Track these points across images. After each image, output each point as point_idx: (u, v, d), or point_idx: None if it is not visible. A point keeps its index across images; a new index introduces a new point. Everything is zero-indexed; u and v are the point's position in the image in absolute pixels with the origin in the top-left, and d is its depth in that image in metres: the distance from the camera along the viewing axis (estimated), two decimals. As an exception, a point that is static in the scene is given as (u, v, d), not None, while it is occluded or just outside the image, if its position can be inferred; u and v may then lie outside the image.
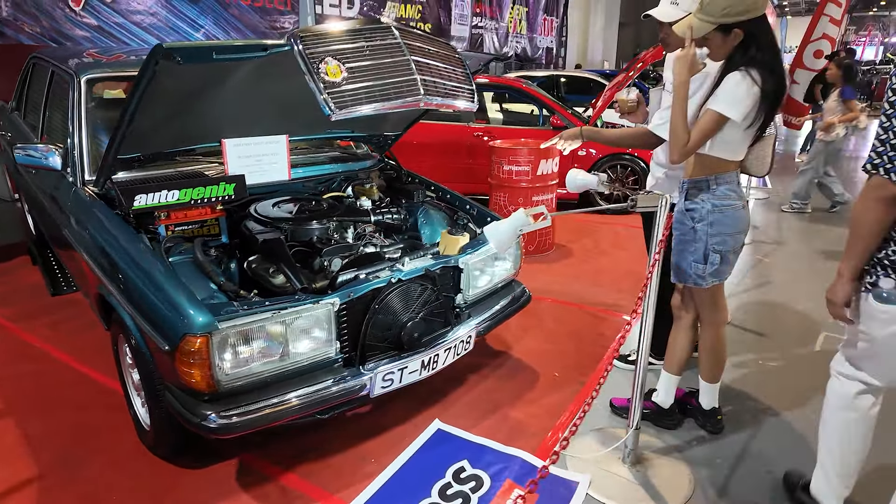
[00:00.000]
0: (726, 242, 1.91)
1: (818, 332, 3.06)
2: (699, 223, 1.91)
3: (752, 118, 1.76)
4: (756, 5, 1.69)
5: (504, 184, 4.34)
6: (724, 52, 1.77)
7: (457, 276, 2.29)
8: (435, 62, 1.89)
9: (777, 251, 4.45)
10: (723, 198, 1.87)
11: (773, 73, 1.74)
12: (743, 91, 1.71)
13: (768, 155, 2.03)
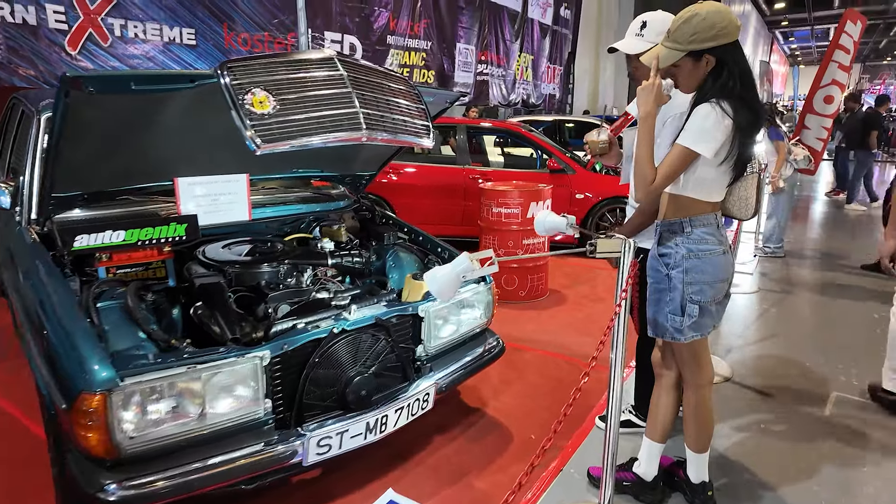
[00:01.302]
0: (704, 292, 1.70)
1: (828, 392, 2.76)
2: (673, 270, 1.70)
3: (725, 154, 1.59)
4: (726, 30, 1.55)
5: (494, 227, 4.18)
6: (695, 82, 1.62)
7: (417, 326, 2.09)
8: (385, 96, 1.77)
9: (785, 300, 4.16)
10: (699, 242, 1.68)
11: (747, 105, 1.58)
12: (711, 124, 1.54)
13: (752, 196, 1.83)
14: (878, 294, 4.32)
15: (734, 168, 1.64)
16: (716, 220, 1.71)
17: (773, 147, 4.87)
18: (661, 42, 1.63)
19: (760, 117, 1.61)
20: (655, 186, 1.60)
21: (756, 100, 1.62)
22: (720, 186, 1.68)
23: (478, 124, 5.76)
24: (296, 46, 5.86)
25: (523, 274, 4.13)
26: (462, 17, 7.88)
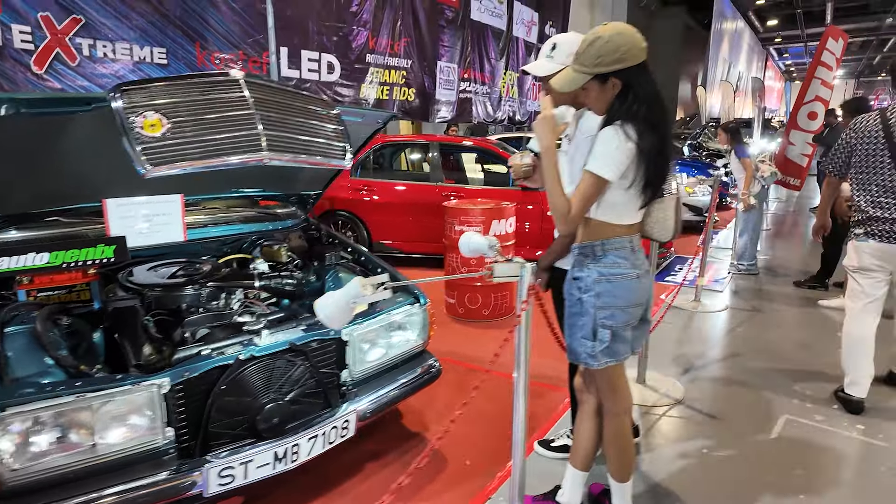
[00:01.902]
0: (616, 317, 1.66)
1: (779, 415, 2.70)
2: (585, 294, 1.67)
3: (631, 177, 1.57)
4: (630, 54, 1.55)
5: (457, 245, 4.14)
6: (604, 105, 1.61)
7: (341, 350, 2.05)
8: (295, 118, 1.75)
9: (752, 319, 4.11)
10: (611, 266, 1.65)
11: (652, 128, 1.56)
12: (613, 148, 1.53)
13: (670, 218, 1.80)
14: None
15: (644, 191, 1.61)
16: (630, 244, 1.68)
17: (741, 164, 4.86)
18: (570, 65, 1.62)
19: (665, 141, 1.59)
20: (573, 216, 1.57)
21: (663, 123, 1.60)
22: (632, 209, 1.65)
23: (450, 141, 5.77)
24: (272, 65, 5.90)
25: (487, 292, 4.09)
26: (444, 35, 7.95)
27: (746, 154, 4.92)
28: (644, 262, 1.74)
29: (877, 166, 2.66)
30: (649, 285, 1.75)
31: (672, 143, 1.67)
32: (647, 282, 1.73)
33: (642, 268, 1.71)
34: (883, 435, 2.51)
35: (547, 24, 10.86)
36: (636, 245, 1.71)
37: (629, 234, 1.68)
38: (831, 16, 23.33)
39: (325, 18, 6.38)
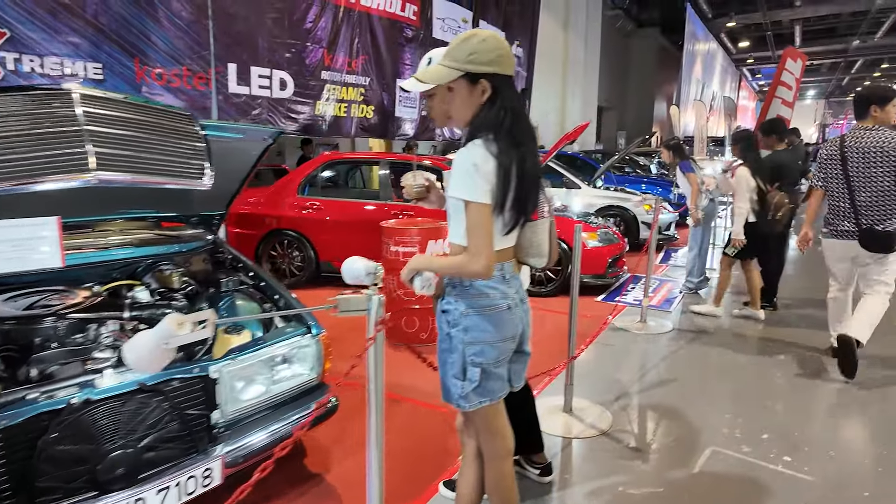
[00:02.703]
0: (485, 353, 1.51)
1: (705, 446, 2.56)
2: (454, 328, 1.52)
3: (497, 197, 1.43)
4: (503, 60, 1.46)
5: (393, 267, 3.99)
6: (469, 111, 1.48)
7: (210, 389, 1.88)
8: (140, 134, 1.60)
9: (696, 341, 4.00)
10: (479, 296, 1.51)
11: (516, 145, 1.44)
12: (469, 166, 1.40)
13: (544, 242, 1.66)
14: (792, 334, 4.18)
15: (510, 212, 1.47)
16: (501, 272, 1.54)
17: (687, 180, 4.81)
18: (439, 62, 1.50)
19: (529, 160, 1.46)
20: (479, 255, 1.40)
21: (528, 142, 1.48)
22: (497, 233, 1.50)
23: (401, 159, 5.65)
24: (219, 81, 5.76)
25: (424, 315, 3.93)
26: (404, 53, 7.90)
27: (691, 169, 4.88)
28: (518, 291, 1.61)
29: (835, 180, 3.36)
30: (522, 315, 1.62)
31: (538, 163, 1.55)
32: (519, 312, 1.59)
33: (514, 297, 1.57)
34: (808, 468, 2.38)
35: (514, 43, 10.90)
36: (508, 272, 1.57)
37: (499, 260, 1.54)
38: (800, 38, 23.98)
39: (276, 35, 6.28)
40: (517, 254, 1.65)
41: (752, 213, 4.19)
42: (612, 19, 21.33)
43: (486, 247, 1.41)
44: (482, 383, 1.52)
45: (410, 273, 1.52)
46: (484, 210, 1.41)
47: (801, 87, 44.40)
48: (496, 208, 1.44)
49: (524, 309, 1.64)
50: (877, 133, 3.21)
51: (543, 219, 1.65)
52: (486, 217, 1.41)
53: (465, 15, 9.02)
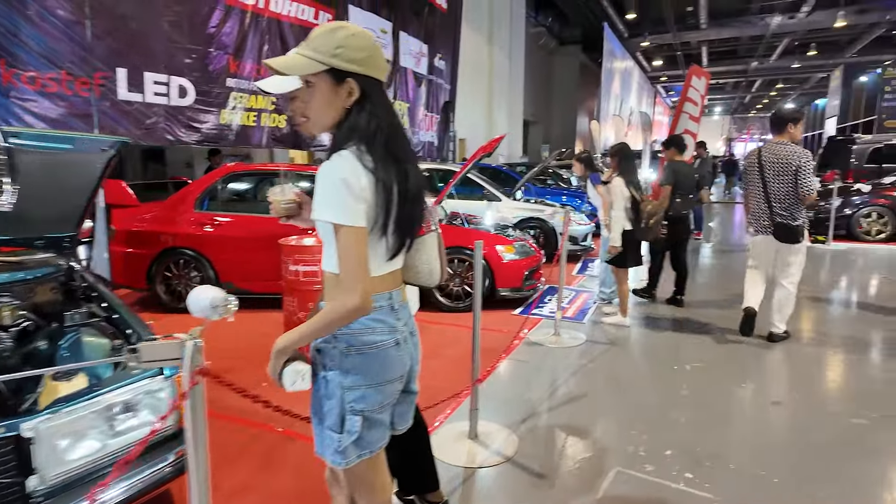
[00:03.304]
0: (368, 398, 1.30)
1: (610, 467, 2.47)
2: (331, 371, 1.30)
3: (373, 216, 1.22)
4: (374, 62, 1.27)
5: (294, 286, 3.73)
6: (332, 114, 1.26)
7: (24, 451, 1.55)
8: None
9: (607, 353, 3.98)
10: (362, 332, 1.29)
11: (394, 159, 1.25)
12: (337, 182, 1.18)
13: (434, 259, 1.52)
14: (697, 343, 4.27)
15: (395, 235, 1.28)
16: (389, 301, 1.34)
17: (597, 192, 4.85)
18: (296, 51, 1.27)
19: (411, 175, 1.28)
20: (359, 293, 1.18)
21: (408, 158, 1.30)
22: (380, 258, 1.30)
23: (307, 171, 5.35)
24: (107, 87, 5.25)
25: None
26: (319, 62, 7.61)
27: (599, 181, 4.93)
28: (407, 323, 1.41)
29: (754, 185, 4.05)
30: (412, 350, 1.41)
31: (423, 180, 1.37)
32: (409, 347, 1.39)
33: (404, 331, 1.37)
34: (709, 485, 2.34)
35: (436, 56, 10.88)
36: (397, 301, 1.36)
37: (386, 288, 1.33)
38: (707, 58, 25.77)
39: (175, 39, 5.84)
40: (407, 276, 1.46)
41: (627, 222, 4.36)
42: (535, 36, 22.00)
43: (361, 278, 1.19)
44: (363, 434, 1.30)
45: (277, 364, 1.26)
46: (358, 235, 1.19)
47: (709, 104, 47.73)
48: (377, 231, 1.24)
49: (413, 343, 1.43)
50: (786, 147, 3.91)
51: (430, 233, 1.48)
52: (361, 243, 1.19)
53: (383, 26, 8.88)
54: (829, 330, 4.60)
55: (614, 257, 4.40)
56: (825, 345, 4.19)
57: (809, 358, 3.88)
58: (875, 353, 4.03)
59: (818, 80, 29.62)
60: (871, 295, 5.89)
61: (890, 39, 21.24)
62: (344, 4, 7.89)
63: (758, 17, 19.67)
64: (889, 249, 8.32)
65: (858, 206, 8.94)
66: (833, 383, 3.47)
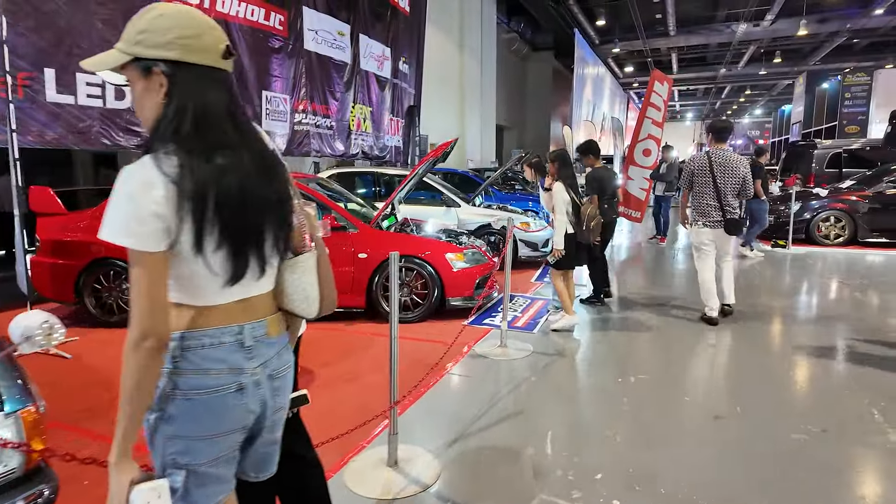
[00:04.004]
0: (194, 452, 1.09)
1: (535, 494, 2.30)
2: (152, 413, 1.09)
3: (177, 236, 1.02)
4: (189, 43, 1.07)
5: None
6: (151, 112, 1.09)
7: None
8: None
9: (553, 366, 3.82)
10: (193, 372, 1.09)
11: (209, 157, 1.06)
12: (122, 196, 1.00)
13: (311, 284, 1.26)
14: (639, 350, 4.15)
15: (224, 255, 1.08)
16: (237, 337, 1.13)
17: (548, 197, 4.73)
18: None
19: (227, 173, 1.07)
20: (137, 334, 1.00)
21: (234, 149, 1.10)
22: (214, 284, 1.10)
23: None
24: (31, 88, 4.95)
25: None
26: (271, 64, 7.37)
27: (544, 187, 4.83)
28: (268, 363, 1.18)
29: (706, 185, 4.60)
30: (268, 397, 1.18)
31: (267, 180, 1.17)
32: (262, 393, 1.16)
33: (257, 373, 1.15)
34: (636, 511, 2.18)
35: (400, 59, 10.72)
36: (251, 337, 1.15)
37: (230, 321, 1.12)
38: (676, 65, 26.15)
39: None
40: (281, 301, 1.25)
41: (569, 225, 4.36)
42: (508, 42, 22.04)
43: (146, 313, 1.00)
44: (190, 490, 1.10)
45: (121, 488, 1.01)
46: (146, 261, 1.00)
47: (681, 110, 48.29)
48: (190, 251, 1.04)
49: (273, 387, 1.19)
50: (732, 154, 4.65)
51: (305, 253, 1.26)
52: (151, 269, 1.01)
53: (341, 28, 8.68)
54: (781, 338, 4.52)
55: (559, 260, 4.36)
56: (774, 353, 4.10)
57: (757, 368, 3.78)
58: (830, 363, 3.95)
59: (784, 87, 30.33)
60: (829, 300, 5.87)
61: (850, 48, 21.84)
62: (297, 5, 7.67)
63: (724, 25, 20.00)
64: (846, 253, 8.40)
65: (817, 210, 9.01)
66: (779, 395, 3.36)
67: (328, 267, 1.33)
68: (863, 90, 20.65)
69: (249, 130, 1.17)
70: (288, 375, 1.25)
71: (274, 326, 1.21)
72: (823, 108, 22.53)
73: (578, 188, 4.56)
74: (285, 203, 1.21)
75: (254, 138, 1.17)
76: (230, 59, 1.16)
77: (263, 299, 1.20)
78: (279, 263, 1.23)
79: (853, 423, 2.92)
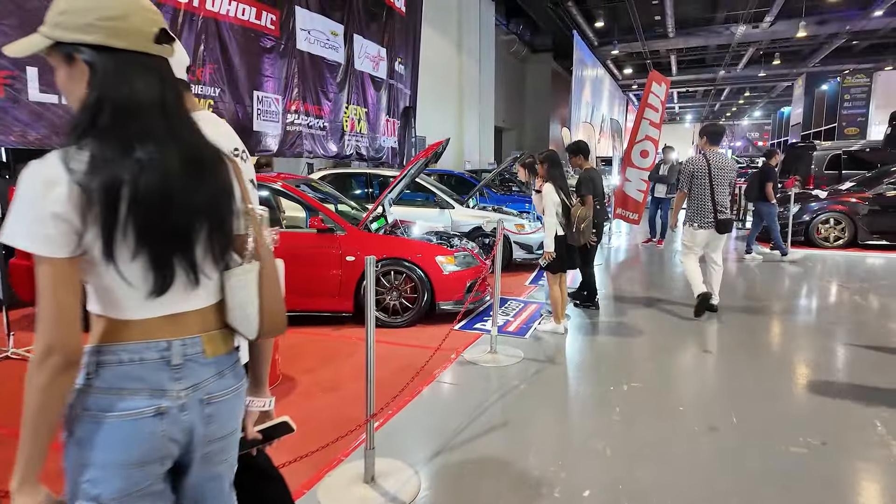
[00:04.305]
0: (104, 483, 0.96)
1: (518, 514, 2.18)
2: (65, 434, 0.98)
3: (90, 240, 0.91)
4: (114, 24, 0.95)
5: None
6: (76, 102, 0.97)
7: None
8: None
9: (543, 373, 3.70)
10: (107, 391, 0.96)
11: (128, 150, 0.94)
12: (20, 196, 0.89)
13: (248, 300, 1.09)
14: (644, 348, 4.03)
15: (137, 260, 0.95)
16: (161, 355, 1.00)
17: (538, 198, 4.64)
18: None
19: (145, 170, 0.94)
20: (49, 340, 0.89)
21: (159, 141, 0.97)
22: (137, 297, 0.97)
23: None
24: (12, 87, 4.83)
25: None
26: (263, 63, 7.26)
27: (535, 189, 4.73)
28: (199, 386, 1.03)
29: (704, 187, 4.71)
30: (194, 422, 1.03)
31: (198, 183, 1.01)
32: (188, 419, 1.02)
33: (183, 397, 1.01)
34: (624, 532, 2.06)
35: (396, 60, 10.61)
36: (177, 356, 1.01)
37: (155, 335, 1.00)
38: (675, 67, 26.08)
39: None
40: (225, 317, 1.11)
41: (560, 227, 4.28)
42: (507, 43, 21.96)
43: (53, 327, 0.89)
44: None
45: None
46: (50, 268, 0.89)
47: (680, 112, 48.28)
48: (101, 257, 0.92)
49: (205, 414, 1.04)
50: (726, 157, 4.87)
51: (244, 265, 1.09)
52: (60, 279, 0.90)
53: (334, 28, 8.57)
54: (779, 344, 4.40)
55: (550, 263, 4.28)
56: (771, 360, 3.98)
57: (753, 376, 3.66)
58: (829, 371, 3.83)
59: (783, 89, 30.25)
60: (829, 304, 5.75)
61: (849, 50, 21.75)
62: (290, 5, 7.56)
63: (723, 27, 19.93)
64: (846, 256, 8.28)
65: (816, 212, 8.90)
66: (776, 405, 3.23)
67: (275, 282, 1.14)
68: (862, 92, 20.58)
69: (183, 123, 1.04)
70: (230, 402, 1.10)
71: (212, 345, 1.07)
72: (823, 109, 22.46)
73: (569, 189, 4.46)
74: (222, 205, 1.06)
75: (188, 131, 1.04)
76: (167, 45, 1.04)
77: (201, 314, 1.06)
78: (220, 274, 1.09)
79: (854, 436, 2.80)
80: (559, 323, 4.43)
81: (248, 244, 1.11)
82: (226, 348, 1.11)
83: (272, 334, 1.15)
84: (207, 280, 1.06)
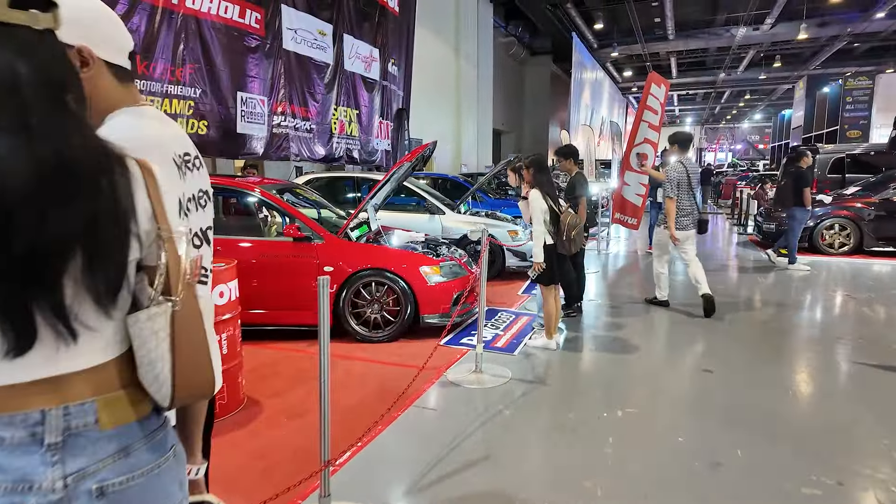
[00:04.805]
0: None
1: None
2: None
3: None
4: None
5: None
6: None
7: None
8: None
9: (531, 394, 3.42)
10: None
11: None
12: None
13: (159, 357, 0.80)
14: (640, 366, 3.75)
15: None
16: (30, 431, 0.73)
17: (524, 206, 4.36)
18: None
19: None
20: None
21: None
22: None
23: (222, 183, 4.73)
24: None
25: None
26: (248, 63, 7.01)
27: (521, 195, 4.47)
28: (88, 469, 0.75)
29: (686, 191, 5.05)
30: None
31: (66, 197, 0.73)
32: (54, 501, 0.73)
33: (55, 490, 0.73)
34: None
35: (389, 61, 10.36)
36: (54, 431, 0.74)
37: (18, 406, 0.73)
38: (676, 69, 25.84)
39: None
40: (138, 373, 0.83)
41: (548, 236, 4.00)
42: (506, 46, 21.73)
43: None
44: None
45: None
46: None
47: (680, 115, 48.03)
48: None
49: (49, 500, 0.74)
50: (693, 161, 5.30)
51: (149, 307, 0.80)
52: None
53: (322, 27, 8.31)
54: (785, 364, 4.12)
55: (539, 275, 3.99)
56: (777, 382, 3.70)
57: (759, 400, 3.37)
58: (841, 395, 3.55)
59: (784, 92, 30.01)
60: (836, 316, 5.46)
61: (851, 52, 21.52)
62: (275, 3, 7.31)
63: (723, 29, 19.69)
64: (851, 263, 8.00)
65: (821, 217, 8.62)
66: (785, 435, 2.95)
67: (196, 329, 0.85)
68: (864, 94, 20.32)
69: (52, 118, 0.74)
70: (141, 488, 0.80)
71: (111, 411, 0.78)
72: (824, 112, 22.19)
73: (556, 195, 4.18)
74: (103, 226, 0.76)
75: (60, 128, 0.74)
76: (36, 11, 0.75)
77: (95, 372, 0.78)
78: (117, 319, 0.80)
79: (873, 472, 2.52)
80: (551, 338, 4.15)
81: (156, 279, 0.82)
82: (136, 414, 0.82)
83: (192, 399, 0.87)
84: (91, 331, 0.77)
